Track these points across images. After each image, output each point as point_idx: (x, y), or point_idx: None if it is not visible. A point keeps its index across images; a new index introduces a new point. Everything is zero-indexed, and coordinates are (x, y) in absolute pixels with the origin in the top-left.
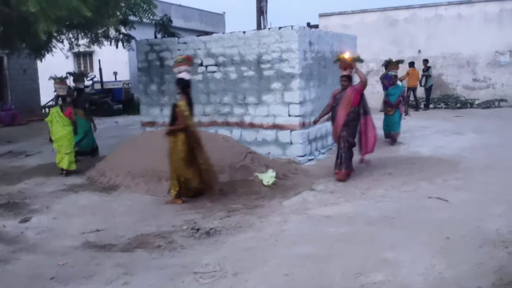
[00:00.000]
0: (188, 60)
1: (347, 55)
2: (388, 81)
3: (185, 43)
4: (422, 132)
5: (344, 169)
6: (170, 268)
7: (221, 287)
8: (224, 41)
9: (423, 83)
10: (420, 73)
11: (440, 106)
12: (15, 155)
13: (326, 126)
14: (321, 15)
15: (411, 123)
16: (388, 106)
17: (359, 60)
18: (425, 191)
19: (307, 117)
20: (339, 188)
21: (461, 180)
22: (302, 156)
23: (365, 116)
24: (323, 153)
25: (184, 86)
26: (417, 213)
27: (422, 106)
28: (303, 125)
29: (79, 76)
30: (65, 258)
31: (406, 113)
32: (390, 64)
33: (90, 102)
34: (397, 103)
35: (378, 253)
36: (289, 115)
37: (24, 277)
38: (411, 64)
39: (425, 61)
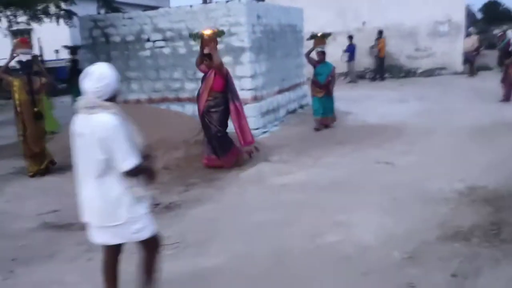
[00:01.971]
0: (22, 43)
1: (207, 31)
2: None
3: (130, 18)
4: (368, 102)
5: (221, 156)
6: None
7: (186, 257)
8: (171, 16)
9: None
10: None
11: (385, 76)
12: None
13: (277, 99)
14: None
15: (358, 93)
16: (317, 86)
17: (221, 33)
18: (373, 157)
19: (258, 90)
20: (292, 158)
21: (406, 145)
22: (256, 129)
23: (233, 103)
24: (275, 126)
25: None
26: (366, 178)
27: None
28: (255, 99)
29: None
30: (25, 240)
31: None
32: (315, 39)
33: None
34: (327, 84)
35: (331, 216)
36: (241, 89)
37: None
38: (381, 34)
39: (380, 32)
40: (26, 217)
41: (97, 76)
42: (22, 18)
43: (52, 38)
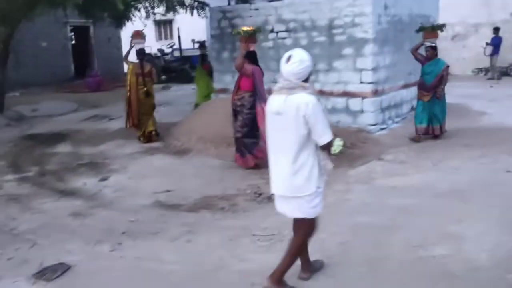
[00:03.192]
0: (137, 35)
1: (247, 29)
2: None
3: (256, 9)
4: (509, 101)
5: (241, 156)
6: (231, 229)
7: (278, 250)
8: (295, 6)
9: None
10: None
11: None
12: (99, 119)
13: (401, 94)
14: None
15: (498, 91)
16: (423, 89)
17: (259, 31)
18: (504, 165)
19: (380, 84)
20: (409, 158)
21: None
22: (373, 125)
23: (260, 104)
24: (396, 122)
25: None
26: (491, 187)
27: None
28: (375, 93)
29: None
30: (137, 215)
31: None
32: (425, 31)
33: (170, 69)
34: (435, 85)
35: (442, 227)
36: (361, 82)
37: (99, 230)
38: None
39: None
40: (142, 194)
41: (298, 60)
42: (159, 9)
43: (190, 28)
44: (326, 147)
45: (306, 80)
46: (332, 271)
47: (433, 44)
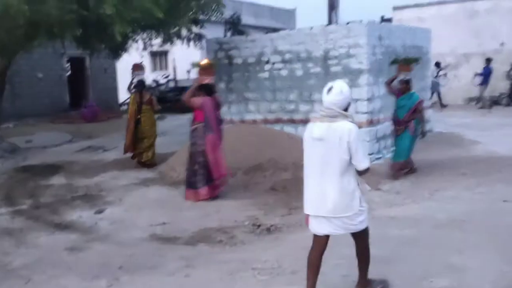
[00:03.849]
0: (137, 67)
1: (203, 62)
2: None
3: (253, 41)
4: (501, 131)
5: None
6: (230, 262)
7: (278, 284)
8: (291, 38)
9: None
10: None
11: None
12: (94, 150)
13: None
14: (395, 8)
15: (489, 120)
16: (396, 123)
17: (216, 64)
18: (501, 194)
19: (375, 114)
20: (406, 188)
21: None
22: (369, 155)
23: (207, 135)
24: (392, 152)
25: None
26: (490, 217)
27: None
28: (371, 122)
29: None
30: (133, 249)
31: (423, 135)
32: (398, 64)
33: (165, 99)
34: (407, 120)
35: (444, 258)
36: (356, 112)
37: (95, 265)
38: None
39: None
40: (139, 227)
41: (339, 90)
42: (156, 41)
43: (185, 59)
44: (364, 173)
45: (346, 109)
46: None
47: (407, 78)
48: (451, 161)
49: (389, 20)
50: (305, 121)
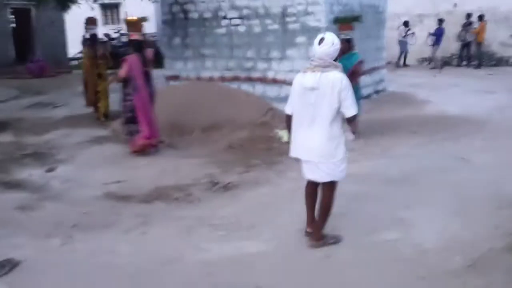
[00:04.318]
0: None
1: (133, 18)
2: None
3: None
4: (452, 90)
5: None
6: (186, 219)
7: (235, 239)
8: None
9: (462, 38)
10: (459, 28)
11: (473, 64)
12: (43, 106)
13: None
14: None
15: (441, 80)
16: None
17: (144, 21)
18: (449, 151)
19: None
20: (359, 146)
21: (487, 141)
22: None
23: (133, 94)
24: None
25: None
26: (438, 173)
27: (474, 63)
28: None
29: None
30: (87, 207)
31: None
32: (339, 23)
33: (116, 54)
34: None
35: (393, 212)
36: None
37: (48, 224)
38: (481, 18)
39: (468, 15)
40: (92, 185)
41: (330, 41)
42: None
43: (138, 13)
44: (352, 120)
45: (335, 60)
46: (292, 257)
47: (347, 37)
48: (403, 120)
49: None
50: (262, 79)
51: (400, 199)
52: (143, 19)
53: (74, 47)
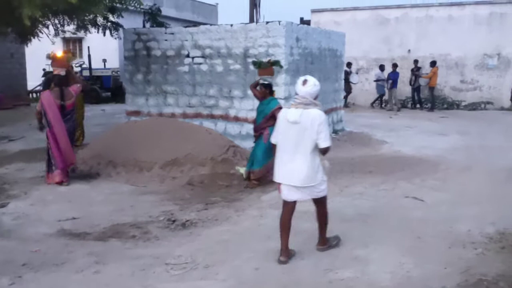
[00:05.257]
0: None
1: (59, 54)
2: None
3: (172, 33)
4: (406, 132)
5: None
6: (142, 258)
7: (191, 279)
8: (211, 33)
9: (412, 83)
10: (409, 73)
11: (427, 106)
12: None
13: None
14: (313, 11)
15: (396, 123)
16: (254, 129)
17: (70, 57)
18: (403, 191)
19: None
20: None
21: (439, 181)
22: None
23: (46, 129)
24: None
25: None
26: (392, 212)
27: (427, 106)
28: None
29: None
30: (39, 245)
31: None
32: (260, 68)
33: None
34: (262, 127)
35: (350, 251)
36: None
37: None
38: (434, 63)
39: (416, 62)
40: (45, 222)
41: (312, 83)
42: (70, 27)
43: (101, 48)
44: (326, 151)
45: (315, 99)
46: None
47: (265, 82)
48: (360, 159)
49: (308, 22)
50: (224, 117)
51: (356, 237)
52: (70, 55)
53: (33, 79)
